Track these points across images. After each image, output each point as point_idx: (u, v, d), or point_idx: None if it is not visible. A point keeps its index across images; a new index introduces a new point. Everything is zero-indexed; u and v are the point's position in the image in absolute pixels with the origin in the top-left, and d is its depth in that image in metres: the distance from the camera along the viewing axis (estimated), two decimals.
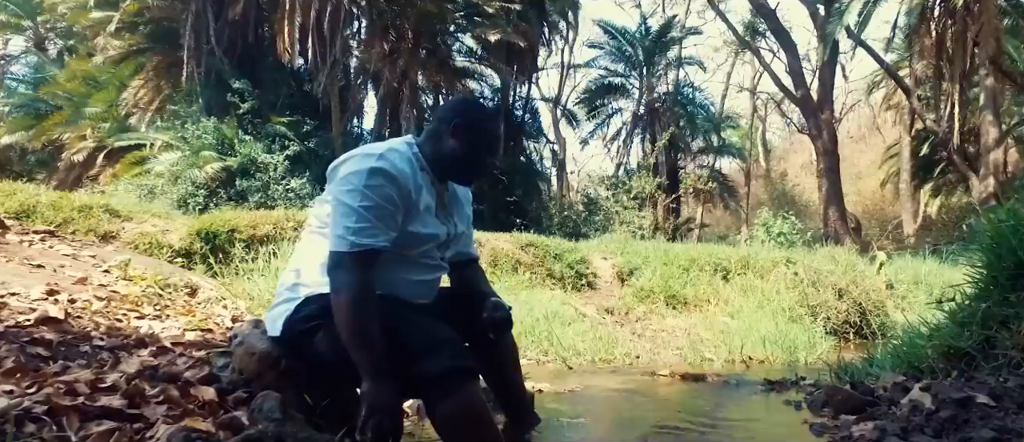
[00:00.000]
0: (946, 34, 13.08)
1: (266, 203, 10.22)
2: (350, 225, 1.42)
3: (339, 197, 1.47)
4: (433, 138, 1.62)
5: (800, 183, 33.74)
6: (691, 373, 3.15)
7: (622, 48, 21.45)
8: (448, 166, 1.61)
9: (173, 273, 2.63)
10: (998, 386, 1.70)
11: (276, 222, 5.57)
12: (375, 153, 1.50)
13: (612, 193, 17.49)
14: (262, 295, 2.78)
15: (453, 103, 1.58)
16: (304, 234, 1.72)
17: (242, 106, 12.06)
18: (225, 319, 2.13)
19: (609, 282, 7.20)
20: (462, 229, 1.75)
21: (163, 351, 1.64)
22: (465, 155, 1.59)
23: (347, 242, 1.42)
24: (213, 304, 2.33)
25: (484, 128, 1.63)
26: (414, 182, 1.52)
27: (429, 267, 1.65)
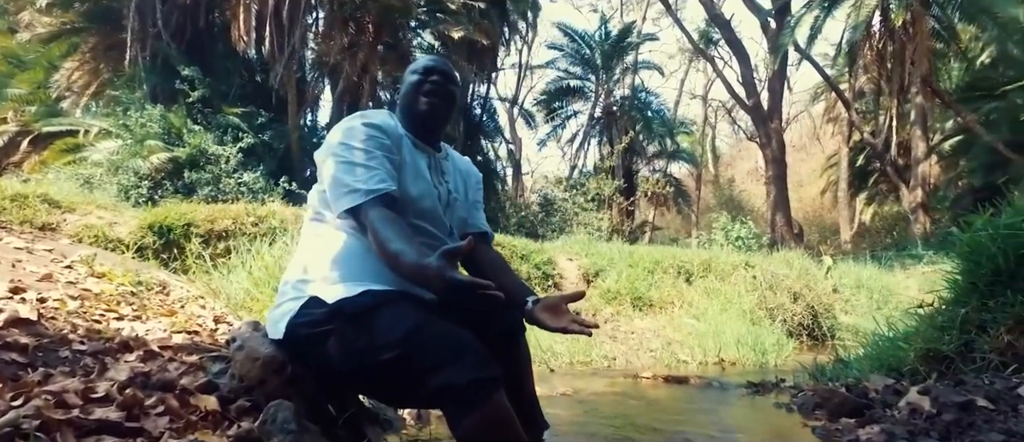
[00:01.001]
0: (886, 52, 13.89)
1: (217, 197, 9.73)
2: (357, 178, 1.36)
3: (336, 160, 1.40)
4: (398, 103, 1.64)
5: (746, 189, 35.13)
6: (673, 376, 3.18)
7: (581, 51, 21.72)
8: (408, 118, 1.57)
9: (141, 270, 2.44)
10: (991, 389, 1.77)
11: (236, 217, 5.30)
12: (356, 115, 1.49)
13: (570, 195, 17.65)
14: (237, 294, 2.61)
15: None
16: (306, 225, 1.61)
17: (192, 94, 11.45)
18: (207, 320, 1.97)
19: (574, 283, 7.23)
20: (457, 196, 1.65)
21: (151, 356, 1.50)
22: (405, 96, 1.58)
23: (360, 193, 1.35)
24: (191, 304, 2.16)
25: (415, 67, 1.60)
26: (398, 135, 1.49)
27: (438, 241, 1.52)
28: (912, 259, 11.80)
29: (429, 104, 1.55)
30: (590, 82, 21.88)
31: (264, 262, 3.02)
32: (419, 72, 1.58)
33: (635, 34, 21.83)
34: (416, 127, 1.57)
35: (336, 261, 1.45)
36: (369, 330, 1.33)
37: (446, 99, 1.59)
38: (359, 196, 1.34)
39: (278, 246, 3.57)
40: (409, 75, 1.60)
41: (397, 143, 1.47)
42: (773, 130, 16.22)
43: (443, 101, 1.58)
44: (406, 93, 1.58)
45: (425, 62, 1.61)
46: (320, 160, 1.49)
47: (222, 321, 2.04)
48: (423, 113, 1.56)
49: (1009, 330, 2.08)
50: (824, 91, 23.63)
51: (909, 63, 13.42)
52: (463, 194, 1.68)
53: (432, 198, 1.51)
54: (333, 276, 1.43)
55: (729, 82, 19.09)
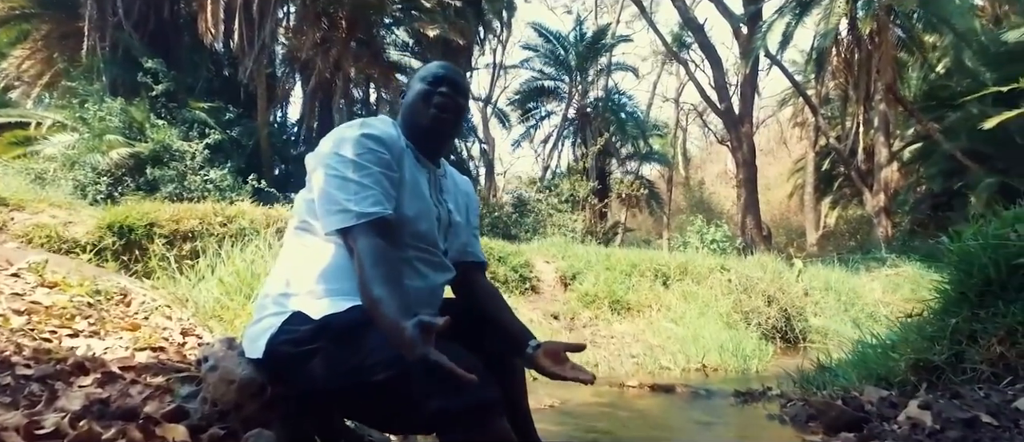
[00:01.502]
0: (853, 60, 14.25)
1: (182, 194, 9.35)
2: (350, 196, 1.25)
3: (329, 173, 1.29)
4: (400, 111, 1.51)
5: (716, 191, 35.77)
6: (659, 384, 3.13)
7: (555, 52, 21.74)
8: (411, 129, 1.45)
9: (100, 276, 2.25)
10: (990, 403, 1.75)
11: (203, 217, 5.06)
12: (356, 123, 1.36)
13: (544, 196, 17.62)
14: (206, 303, 2.44)
15: None
16: (289, 235, 1.47)
17: (155, 88, 10.98)
18: (173, 333, 1.82)
19: (552, 286, 7.17)
20: (458, 218, 1.54)
21: (111, 378, 1.35)
22: (411, 106, 1.46)
23: (352, 215, 1.24)
24: (155, 314, 1.99)
25: (424, 74, 1.48)
26: (400, 148, 1.38)
27: (431, 265, 1.43)
28: (876, 262, 12.13)
29: (437, 118, 1.43)
30: (564, 83, 21.92)
31: (235, 267, 2.84)
32: (428, 81, 1.46)
33: (610, 36, 21.95)
34: (420, 140, 1.45)
35: (323, 274, 1.33)
36: (359, 349, 1.21)
37: (456, 113, 1.47)
38: (350, 218, 1.23)
39: (250, 250, 3.39)
40: (417, 82, 1.48)
41: (398, 157, 1.36)
42: (744, 134, 16.49)
43: (453, 115, 1.46)
44: (412, 103, 1.45)
45: (435, 70, 1.48)
46: (310, 167, 1.37)
47: (190, 334, 1.88)
48: (430, 127, 1.44)
49: (1000, 340, 2.08)
50: (792, 96, 24.20)
51: (875, 71, 13.79)
52: (465, 217, 1.57)
53: (430, 219, 1.40)
54: (319, 290, 1.32)
55: (701, 86, 19.35)
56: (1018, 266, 2.08)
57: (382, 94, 16.04)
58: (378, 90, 16.40)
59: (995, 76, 12.77)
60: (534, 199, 17.45)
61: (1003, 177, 13.28)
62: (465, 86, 1.54)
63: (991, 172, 13.47)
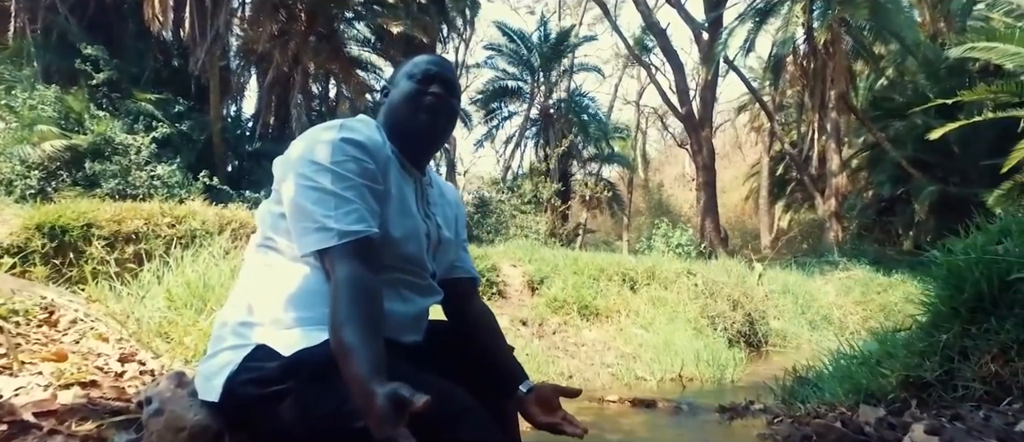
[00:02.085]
0: (809, 68, 14.70)
1: (125, 191, 8.77)
2: (329, 212, 1.05)
3: (303, 183, 1.08)
4: (383, 110, 1.30)
5: (674, 194, 36.50)
6: (640, 399, 3.03)
7: (519, 52, 21.66)
8: (396, 133, 1.25)
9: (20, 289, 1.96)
10: (1000, 429, 1.69)
11: (149, 217, 4.68)
12: (334, 125, 1.15)
13: (507, 197, 17.49)
14: (151, 319, 2.17)
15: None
16: (250, 253, 1.25)
17: (95, 76, 10.29)
18: (111, 360, 1.57)
19: (519, 291, 7.02)
20: (448, 234, 1.35)
21: (22, 430, 1.11)
22: (397, 108, 1.25)
23: (333, 234, 1.04)
24: (88, 336, 1.73)
25: (413, 71, 1.27)
26: (385, 156, 1.18)
27: (418, 289, 1.25)
28: (829, 266, 12.54)
29: (429, 122, 1.24)
30: (527, 83, 21.87)
31: (186, 277, 2.56)
32: (417, 79, 1.25)
33: (574, 36, 22.03)
34: (406, 146, 1.25)
35: (292, 300, 1.12)
36: (338, 389, 1.01)
37: (449, 117, 1.28)
38: (330, 237, 1.04)
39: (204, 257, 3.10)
40: (404, 80, 1.26)
41: (384, 167, 1.16)
42: (704, 138, 16.78)
43: (446, 119, 1.27)
44: (399, 103, 1.24)
45: (425, 66, 1.27)
46: (279, 175, 1.15)
47: (131, 359, 1.63)
48: (419, 131, 1.24)
49: (994, 358, 2.04)
50: (749, 102, 24.90)
51: (829, 80, 14.25)
52: (454, 231, 1.38)
53: (418, 239, 1.21)
54: (288, 319, 1.11)
55: (663, 89, 19.62)
56: (1011, 282, 2.05)
57: (343, 90, 15.57)
58: (338, 86, 15.91)
59: (937, 89, 13.43)
60: (496, 200, 17.31)
61: (943, 185, 13.98)
62: (458, 85, 1.35)
63: (932, 180, 14.15)
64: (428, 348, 1.31)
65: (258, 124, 13.35)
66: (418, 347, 1.28)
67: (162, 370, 1.64)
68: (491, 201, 17.29)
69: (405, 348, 1.24)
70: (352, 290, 1.01)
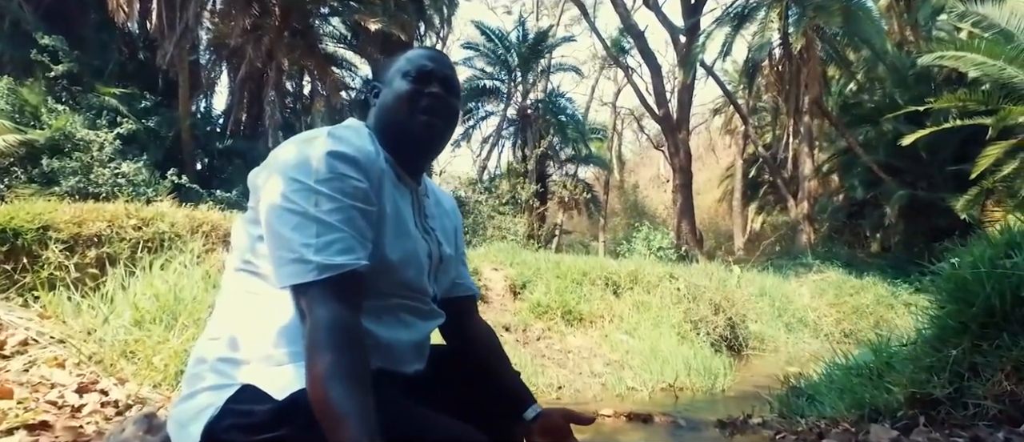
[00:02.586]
0: (785, 73, 14.93)
1: (86, 189, 8.35)
2: (310, 241, 0.90)
3: (283, 205, 0.93)
4: (373, 113, 1.14)
5: (649, 195, 36.83)
6: (636, 413, 2.93)
7: (497, 51, 21.54)
8: (390, 138, 1.10)
9: None
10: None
11: (113, 218, 4.38)
12: (321, 134, 0.99)
13: (485, 197, 17.35)
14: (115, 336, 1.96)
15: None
16: (229, 276, 1.09)
17: (54, 68, 9.79)
18: (67, 392, 1.38)
19: (502, 295, 6.89)
20: (449, 251, 1.21)
21: None
22: (390, 109, 1.10)
23: (312, 267, 0.88)
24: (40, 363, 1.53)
25: (406, 67, 1.12)
26: (379, 170, 1.02)
27: (419, 313, 1.11)
28: (804, 267, 12.75)
29: (428, 125, 1.09)
30: (504, 83, 21.76)
31: (154, 288, 2.34)
32: (413, 77, 1.10)
33: (552, 36, 22.01)
34: (402, 152, 1.10)
35: (283, 332, 0.97)
36: None
37: (450, 119, 1.14)
38: (308, 271, 0.89)
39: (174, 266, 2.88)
40: (398, 79, 1.11)
41: (378, 183, 1.00)
42: (681, 140, 16.90)
43: (446, 122, 1.12)
44: (394, 105, 1.09)
45: (421, 63, 1.12)
46: (257, 187, 1.00)
47: (91, 390, 1.45)
48: (418, 137, 1.09)
49: (1008, 375, 1.99)
50: (724, 105, 25.23)
51: (803, 85, 14.50)
52: (453, 246, 1.24)
53: (418, 261, 1.07)
54: (278, 355, 0.96)
55: (640, 91, 19.72)
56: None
57: (318, 87, 15.21)
58: (313, 83, 15.55)
59: (905, 96, 13.79)
60: (474, 201, 17.15)
61: (912, 190, 14.37)
62: (457, 83, 1.19)
63: (902, 185, 14.53)
64: (430, 376, 1.18)
65: (229, 121, 12.93)
66: (420, 375, 1.15)
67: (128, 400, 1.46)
68: (468, 202, 17.10)
69: (407, 379, 1.11)
70: (333, 337, 0.87)
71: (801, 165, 16.83)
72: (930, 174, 14.48)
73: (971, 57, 9.75)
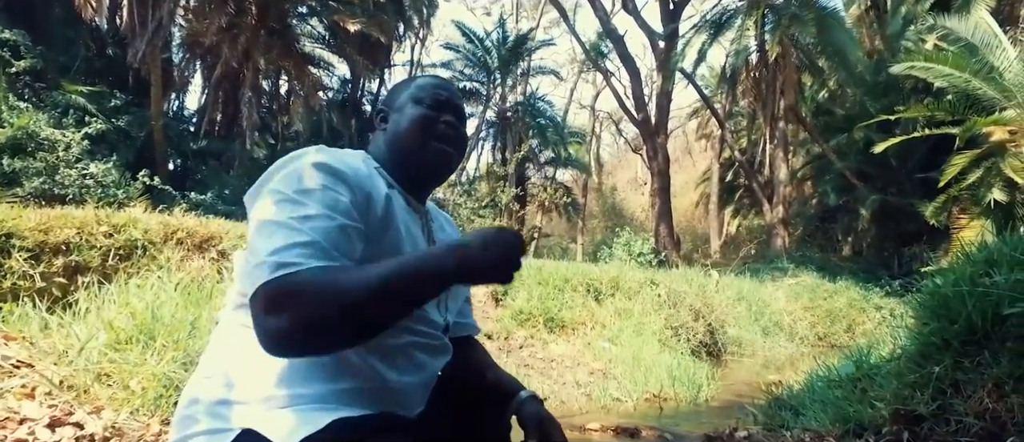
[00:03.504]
0: (761, 81, 15.21)
1: (52, 191, 8.06)
2: (276, 245, 0.81)
3: (261, 217, 0.87)
4: (379, 141, 1.12)
5: (626, 197, 37.16)
6: (623, 426, 2.92)
7: (477, 53, 21.49)
8: (402, 164, 1.08)
9: None
10: None
11: (82, 225, 4.22)
12: (310, 149, 0.95)
13: (464, 200, 17.28)
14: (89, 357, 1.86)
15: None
16: (227, 314, 1.04)
17: (15, 64, 9.43)
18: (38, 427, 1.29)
19: (483, 302, 6.84)
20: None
21: None
22: (404, 135, 1.08)
23: (268, 267, 0.79)
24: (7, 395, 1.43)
25: (418, 94, 1.11)
26: (375, 188, 0.98)
27: (430, 350, 1.06)
28: (779, 272, 12.99)
29: (442, 153, 1.08)
30: (483, 85, 21.72)
31: (131, 306, 2.24)
32: (426, 104, 1.09)
33: (531, 39, 22.04)
34: (414, 178, 1.09)
35: (285, 372, 0.91)
36: None
37: (461, 148, 1.13)
38: (264, 271, 0.79)
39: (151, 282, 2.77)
40: (411, 105, 1.09)
41: (366, 194, 0.95)
42: (660, 144, 17.09)
43: (458, 151, 1.11)
44: (408, 132, 1.07)
45: (434, 91, 1.11)
46: (248, 205, 0.94)
47: (64, 423, 1.37)
48: (433, 163, 1.08)
49: (989, 392, 2.03)
50: (700, 109, 25.58)
51: (779, 92, 14.78)
52: None
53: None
54: (280, 396, 0.90)
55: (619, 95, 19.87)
56: (1005, 316, 2.05)
57: (295, 88, 14.97)
58: (290, 83, 15.30)
59: (876, 105, 14.16)
60: (453, 203, 17.07)
61: (883, 195, 14.77)
62: (464, 110, 1.20)
63: (874, 190, 14.92)
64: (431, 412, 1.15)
65: (204, 121, 12.63)
66: (424, 417, 1.11)
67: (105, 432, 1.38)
68: (447, 203, 17.04)
69: (410, 424, 1.06)
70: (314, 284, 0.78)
71: (776, 170, 17.16)
72: (900, 180, 14.89)
73: (939, 68, 10.05)
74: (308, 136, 14.59)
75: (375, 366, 0.95)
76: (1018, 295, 2.04)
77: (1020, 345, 2.00)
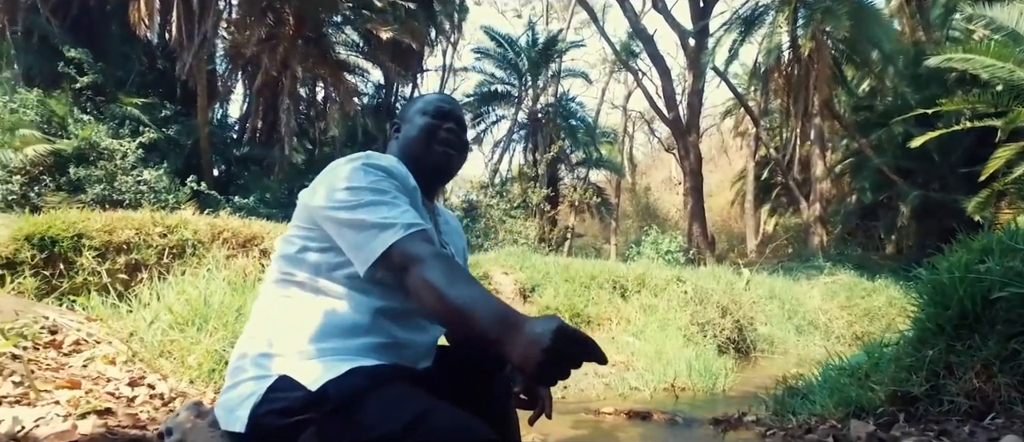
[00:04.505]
0: (793, 76, 14.95)
1: (111, 197, 8.66)
2: (386, 214, 1.08)
3: (348, 203, 1.11)
4: (393, 148, 1.38)
5: (661, 197, 36.77)
6: (635, 411, 3.08)
7: (507, 56, 21.72)
8: (415, 166, 1.31)
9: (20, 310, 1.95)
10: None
11: (140, 227, 4.62)
12: (361, 155, 1.21)
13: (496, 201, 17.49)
14: (153, 337, 2.16)
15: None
16: (267, 288, 1.28)
17: (79, 80, 10.14)
18: (121, 385, 1.57)
19: (511, 299, 7.04)
20: (460, 262, 1.43)
21: None
22: (414, 141, 1.33)
23: (398, 227, 1.06)
24: (96, 360, 1.73)
25: (425, 107, 1.36)
26: (410, 183, 1.24)
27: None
28: (815, 270, 12.74)
29: (446, 155, 1.32)
30: (515, 87, 21.92)
31: (186, 294, 2.56)
32: (431, 114, 1.34)
33: (561, 41, 22.13)
34: (423, 178, 1.31)
35: (314, 331, 1.16)
36: (360, 421, 1.05)
37: (462, 150, 1.37)
38: (396, 231, 1.05)
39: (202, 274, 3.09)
40: (418, 116, 1.34)
41: (410, 195, 1.21)
42: (691, 143, 16.97)
43: (459, 153, 1.36)
44: (416, 138, 1.32)
45: (438, 103, 1.37)
46: (306, 203, 1.18)
47: (140, 384, 1.64)
48: (439, 164, 1.32)
49: (978, 374, 2.12)
50: (734, 107, 25.17)
51: (812, 88, 14.50)
52: (464, 261, 1.46)
53: None
54: (310, 350, 1.14)
55: (650, 95, 19.81)
56: (994, 300, 2.13)
57: (331, 94, 15.50)
58: (326, 90, 15.84)
59: (917, 97, 13.73)
60: (485, 204, 17.30)
61: (925, 191, 14.30)
62: (466, 122, 1.46)
63: (914, 186, 14.46)
64: (437, 370, 1.36)
65: (246, 128, 13.25)
66: (429, 372, 1.33)
67: (171, 393, 1.65)
68: (479, 205, 17.29)
69: (421, 375, 1.28)
70: (438, 260, 1.02)
71: (813, 167, 16.80)
72: (942, 175, 14.40)
73: (980, 59, 9.75)
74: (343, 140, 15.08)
75: (387, 326, 1.18)
76: (1008, 280, 2.12)
77: (1008, 328, 2.08)
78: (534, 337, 0.84)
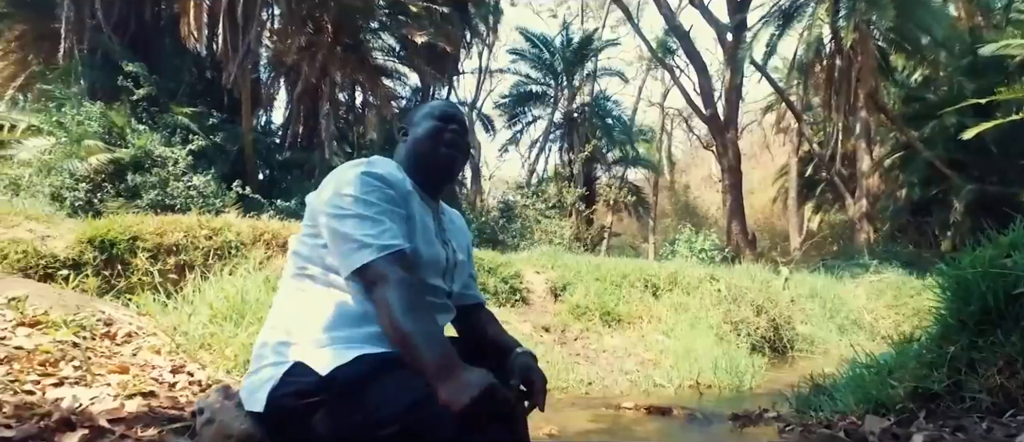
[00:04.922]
0: (835, 69, 14.46)
1: (164, 201, 9.17)
2: (368, 231, 1.22)
3: (337, 214, 1.25)
4: (401, 151, 1.49)
5: (700, 195, 36.06)
6: (656, 406, 3.11)
7: (542, 56, 21.77)
8: (419, 166, 1.44)
9: (82, 305, 2.16)
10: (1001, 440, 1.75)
11: (188, 230, 4.93)
12: (360, 162, 1.34)
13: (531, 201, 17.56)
14: (195, 330, 2.36)
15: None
16: (285, 280, 1.42)
17: (136, 92, 10.76)
18: (164, 372, 1.74)
19: (542, 297, 7.12)
20: (462, 257, 1.53)
21: (99, 434, 1.28)
22: (419, 143, 1.44)
23: (374, 249, 1.20)
24: (144, 349, 1.91)
25: (430, 112, 1.48)
26: (405, 188, 1.36)
27: (437, 308, 1.41)
28: (860, 268, 12.29)
29: (449, 155, 1.43)
30: (551, 87, 21.94)
31: (225, 292, 2.76)
32: (436, 118, 1.45)
33: (597, 40, 22.03)
34: (427, 177, 1.44)
35: (325, 322, 1.28)
36: (365, 403, 1.17)
37: (465, 152, 1.49)
38: (371, 252, 1.19)
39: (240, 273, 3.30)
40: (424, 120, 1.46)
41: (404, 198, 1.33)
42: (730, 140, 16.65)
43: (463, 153, 1.47)
44: (421, 140, 1.44)
45: (442, 108, 1.48)
46: (313, 211, 1.32)
47: (181, 371, 1.81)
48: (442, 164, 1.44)
49: (1000, 370, 2.08)
50: (776, 102, 24.47)
51: (856, 80, 14.00)
52: (467, 256, 1.56)
53: (438, 264, 1.38)
54: (322, 339, 1.27)
55: (687, 92, 19.53)
56: (1017, 295, 2.09)
57: (369, 99, 15.91)
58: (364, 95, 16.27)
59: (973, 87, 13.06)
60: (521, 205, 17.39)
61: (981, 185, 13.59)
62: (467, 127, 1.57)
63: (969, 180, 13.76)
64: None
65: (288, 134, 13.76)
66: None
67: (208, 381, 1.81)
68: (515, 206, 17.39)
69: None
70: (401, 287, 1.16)
71: (859, 162, 16.20)
72: (1001, 168, 13.66)
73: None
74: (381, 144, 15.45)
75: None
76: None
77: None
78: (464, 386, 1.03)
